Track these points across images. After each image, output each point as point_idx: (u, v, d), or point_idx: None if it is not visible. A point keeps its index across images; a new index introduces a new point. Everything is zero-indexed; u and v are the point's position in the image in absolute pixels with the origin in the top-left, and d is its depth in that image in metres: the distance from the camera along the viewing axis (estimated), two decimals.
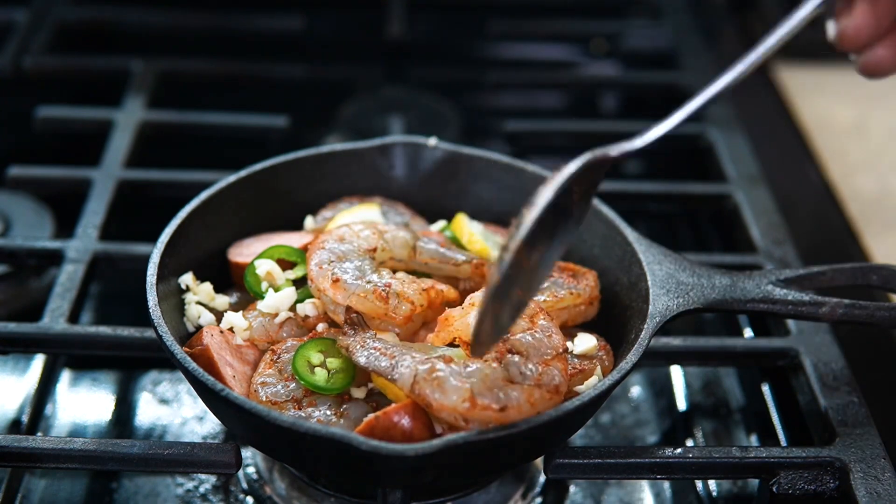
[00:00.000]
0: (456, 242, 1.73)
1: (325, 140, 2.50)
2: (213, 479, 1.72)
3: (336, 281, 1.57)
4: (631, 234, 1.70)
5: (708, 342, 1.81)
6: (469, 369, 1.44)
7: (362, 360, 1.48)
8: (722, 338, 1.90)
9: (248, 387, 1.54)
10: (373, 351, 1.48)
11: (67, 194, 2.11)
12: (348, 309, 1.56)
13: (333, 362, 1.53)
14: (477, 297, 1.54)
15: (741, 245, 2.08)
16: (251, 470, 1.72)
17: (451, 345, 1.53)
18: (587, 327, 1.66)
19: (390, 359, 1.46)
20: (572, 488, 1.74)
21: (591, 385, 1.53)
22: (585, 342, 1.59)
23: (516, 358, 1.46)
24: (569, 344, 1.58)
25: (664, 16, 2.87)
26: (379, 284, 1.57)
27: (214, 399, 1.45)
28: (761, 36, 1.48)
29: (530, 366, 1.46)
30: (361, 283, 1.57)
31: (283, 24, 2.76)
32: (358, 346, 1.50)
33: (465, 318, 1.52)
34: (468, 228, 1.74)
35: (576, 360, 1.57)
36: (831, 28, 1.49)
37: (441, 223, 1.80)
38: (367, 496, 1.62)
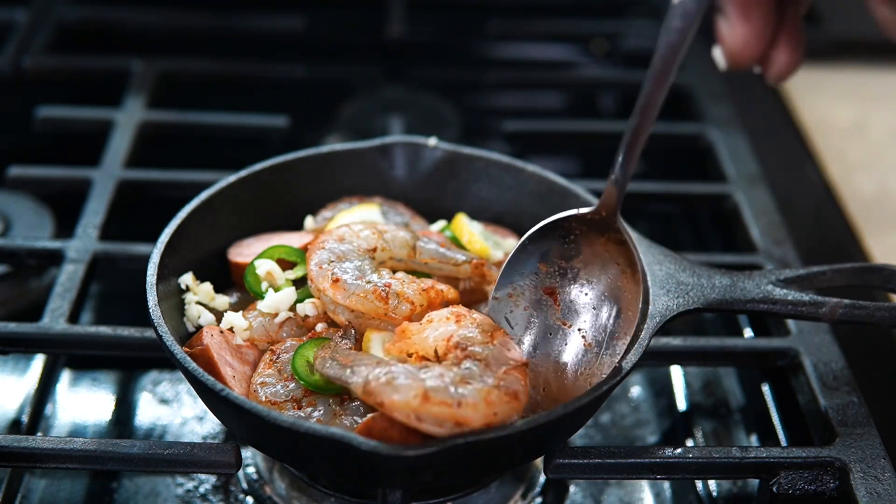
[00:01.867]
0: (456, 242, 1.73)
1: (325, 140, 2.50)
2: (213, 479, 1.72)
3: (336, 281, 1.57)
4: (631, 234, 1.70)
5: (708, 342, 1.81)
6: (423, 371, 1.41)
7: (318, 369, 1.48)
8: (722, 338, 1.90)
9: (248, 387, 1.54)
10: (331, 360, 1.48)
11: (67, 194, 2.11)
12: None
13: None
14: (435, 315, 1.52)
15: (741, 245, 2.08)
16: (251, 470, 1.72)
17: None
18: None
19: (347, 366, 1.45)
20: (572, 488, 1.74)
21: None
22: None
23: (475, 367, 1.43)
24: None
25: (664, 16, 2.87)
26: (379, 284, 1.57)
27: (214, 399, 1.45)
28: None
29: (489, 372, 1.42)
30: (361, 283, 1.57)
31: (283, 24, 2.76)
32: (320, 359, 1.50)
33: (422, 333, 1.50)
34: (468, 228, 1.74)
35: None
36: (719, 55, 1.49)
37: (441, 223, 1.80)
38: (367, 496, 1.62)
